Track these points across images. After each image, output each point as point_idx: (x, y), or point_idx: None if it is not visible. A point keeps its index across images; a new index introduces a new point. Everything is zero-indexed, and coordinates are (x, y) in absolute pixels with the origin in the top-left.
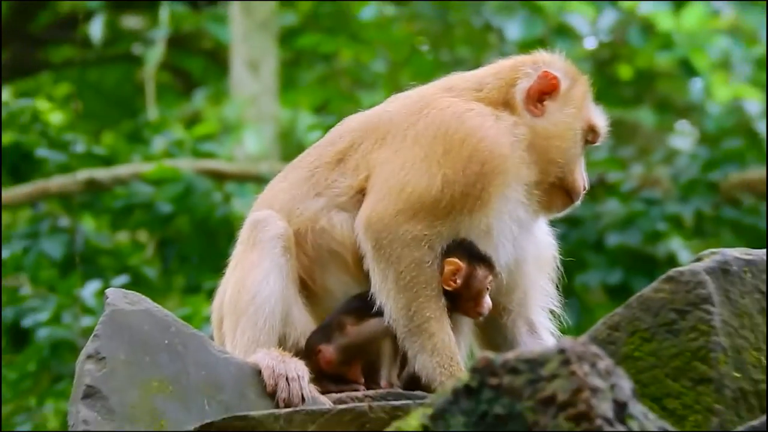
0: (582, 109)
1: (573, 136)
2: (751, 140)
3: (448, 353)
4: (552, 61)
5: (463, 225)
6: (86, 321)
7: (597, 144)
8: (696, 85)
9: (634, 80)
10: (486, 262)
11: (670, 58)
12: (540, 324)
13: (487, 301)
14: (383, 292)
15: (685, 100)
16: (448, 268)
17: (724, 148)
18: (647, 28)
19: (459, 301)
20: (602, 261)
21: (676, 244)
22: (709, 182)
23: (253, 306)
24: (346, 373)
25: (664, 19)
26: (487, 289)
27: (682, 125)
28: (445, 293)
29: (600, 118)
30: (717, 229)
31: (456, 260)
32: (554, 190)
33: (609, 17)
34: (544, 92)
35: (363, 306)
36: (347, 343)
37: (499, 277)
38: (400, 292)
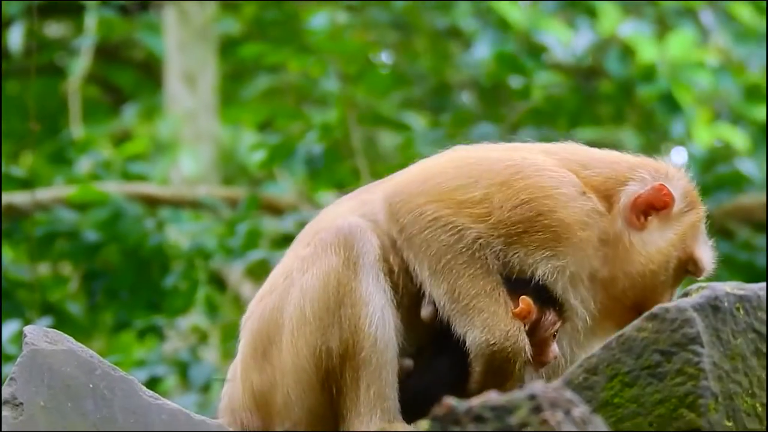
0: (686, 239)
1: (664, 262)
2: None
3: (503, 327)
4: (674, 176)
5: (494, 250)
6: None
7: (700, 278)
8: (677, 126)
9: (615, 95)
10: (556, 307)
11: (653, 91)
12: None
13: (554, 350)
14: (424, 280)
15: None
16: (521, 307)
17: (716, 174)
18: (627, 53)
19: None
20: None
21: None
22: None
23: (375, 355)
24: None
25: (647, 47)
26: (554, 336)
27: (678, 151)
28: None
29: (706, 253)
30: None
31: (529, 300)
32: (628, 311)
33: (585, 39)
34: (652, 206)
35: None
36: None
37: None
38: (438, 276)
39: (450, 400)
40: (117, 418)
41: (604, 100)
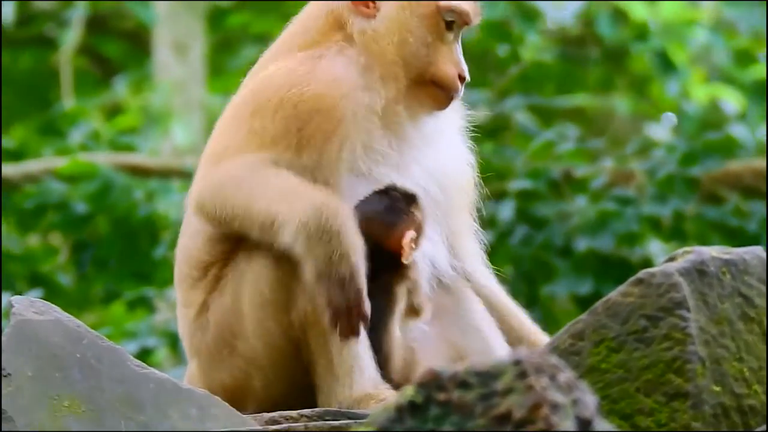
0: None
1: (407, 26)
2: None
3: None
4: None
5: (293, 162)
6: None
7: (473, 23)
8: (672, 85)
9: (604, 60)
10: (414, 202)
11: (646, 51)
12: (479, 271)
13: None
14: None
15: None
16: (405, 242)
17: (706, 139)
18: (619, 16)
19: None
20: (570, 268)
21: (655, 248)
22: (689, 177)
23: None
24: None
25: (639, 9)
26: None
27: (668, 118)
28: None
29: None
30: (700, 231)
31: (410, 232)
32: (421, 87)
33: (577, 3)
34: None
35: None
36: None
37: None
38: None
39: (434, 367)
40: (104, 388)
41: (593, 65)
